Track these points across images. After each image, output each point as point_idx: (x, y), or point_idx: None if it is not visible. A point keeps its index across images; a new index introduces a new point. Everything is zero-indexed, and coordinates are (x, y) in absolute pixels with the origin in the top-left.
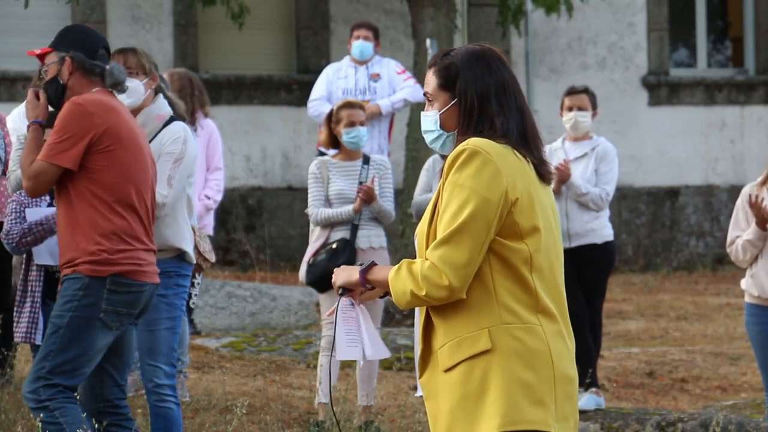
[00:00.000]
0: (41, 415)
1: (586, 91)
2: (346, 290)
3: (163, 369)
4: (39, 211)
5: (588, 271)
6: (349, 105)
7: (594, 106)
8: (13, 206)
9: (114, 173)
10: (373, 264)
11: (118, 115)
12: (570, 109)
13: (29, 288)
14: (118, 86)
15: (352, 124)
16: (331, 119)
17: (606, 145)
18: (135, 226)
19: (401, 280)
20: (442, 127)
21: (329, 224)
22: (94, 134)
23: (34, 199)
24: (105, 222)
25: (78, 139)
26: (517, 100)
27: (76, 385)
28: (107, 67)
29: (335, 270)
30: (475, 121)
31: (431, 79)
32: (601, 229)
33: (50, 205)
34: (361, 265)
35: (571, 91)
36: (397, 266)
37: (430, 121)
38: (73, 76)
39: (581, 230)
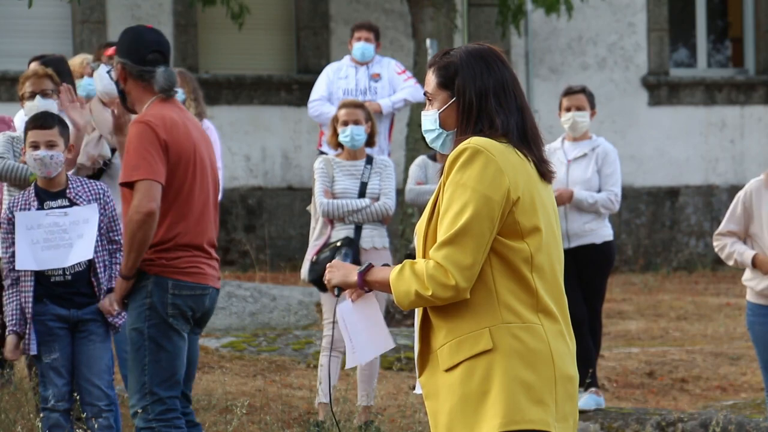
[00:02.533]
0: None
1: (583, 90)
2: (341, 290)
3: None
4: (28, 215)
5: (587, 271)
6: (345, 105)
7: (592, 106)
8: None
9: (170, 186)
10: (370, 266)
11: (177, 129)
12: (568, 109)
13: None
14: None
15: (345, 123)
16: (334, 119)
17: (606, 146)
18: (190, 235)
19: (404, 280)
20: (441, 125)
21: (336, 217)
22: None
23: (23, 200)
24: (163, 231)
25: (157, 155)
26: (517, 99)
27: (177, 396)
28: (156, 72)
29: (329, 266)
30: (474, 120)
31: (431, 78)
32: (600, 229)
33: (39, 208)
34: (358, 265)
35: (569, 92)
36: (399, 267)
37: (430, 120)
38: (127, 82)
39: (580, 230)
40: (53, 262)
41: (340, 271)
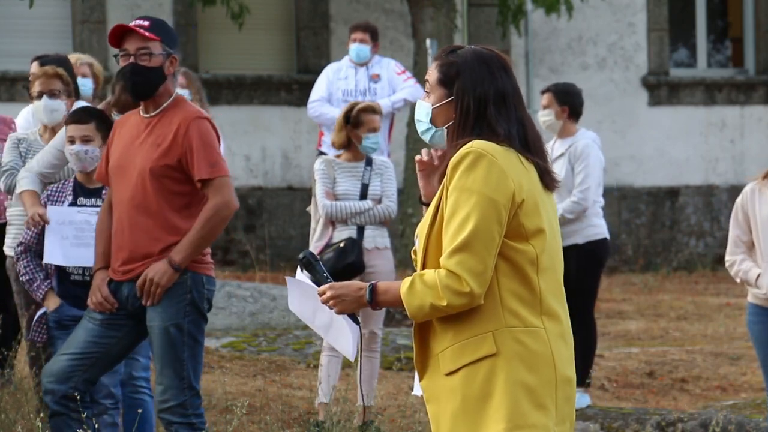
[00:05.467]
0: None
1: (549, 89)
2: (356, 315)
3: (141, 361)
4: (60, 210)
5: (573, 270)
6: (372, 110)
7: (563, 102)
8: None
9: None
10: (375, 287)
11: None
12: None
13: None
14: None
15: (374, 130)
16: (349, 120)
17: (579, 143)
18: None
19: (416, 294)
20: (432, 121)
21: (339, 219)
22: None
23: (58, 193)
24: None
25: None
26: (517, 110)
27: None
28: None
29: (331, 296)
30: (472, 124)
31: (433, 71)
32: (583, 230)
33: (72, 204)
34: (363, 290)
35: (541, 91)
36: (408, 281)
37: (422, 111)
38: (170, 75)
39: (563, 231)
40: (81, 260)
41: (347, 298)
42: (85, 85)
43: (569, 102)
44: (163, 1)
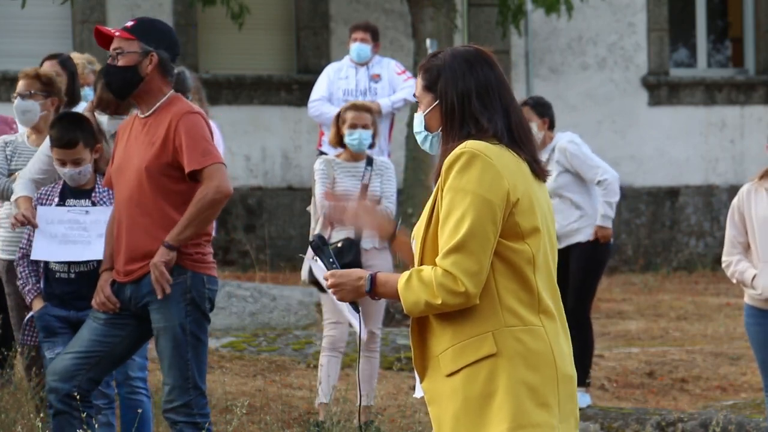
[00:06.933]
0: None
1: (527, 104)
2: (356, 303)
3: (137, 361)
4: (49, 210)
5: (574, 270)
6: (354, 107)
7: (541, 115)
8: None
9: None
10: (375, 278)
11: None
12: None
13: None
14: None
15: (354, 126)
16: (339, 119)
17: (560, 144)
18: (210, 230)
19: (413, 290)
20: (426, 128)
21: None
22: None
23: (46, 194)
24: None
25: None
26: (502, 100)
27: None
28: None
29: (332, 284)
30: (459, 122)
31: (418, 80)
32: (585, 228)
33: (60, 205)
34: (365, 278)
35: None
36: (406, 276)
37: (417, 121)
38: (152, 73)
39: (563, 231)
40: (68, 256)
41: (347, 286)
42: (92, 95)
43: (547, 114)
44: (163, 1)
